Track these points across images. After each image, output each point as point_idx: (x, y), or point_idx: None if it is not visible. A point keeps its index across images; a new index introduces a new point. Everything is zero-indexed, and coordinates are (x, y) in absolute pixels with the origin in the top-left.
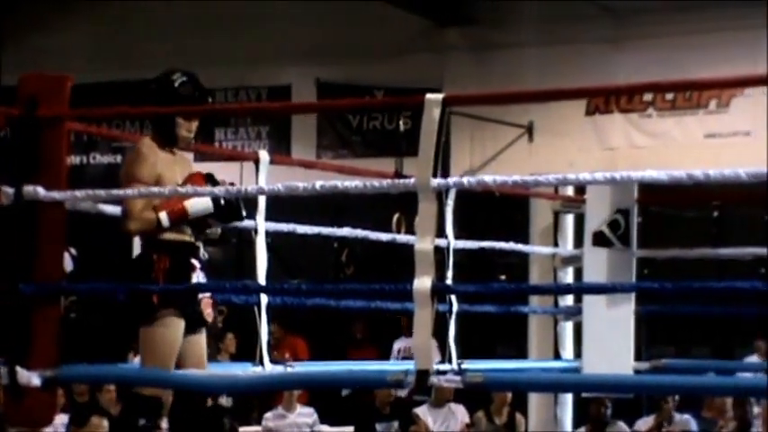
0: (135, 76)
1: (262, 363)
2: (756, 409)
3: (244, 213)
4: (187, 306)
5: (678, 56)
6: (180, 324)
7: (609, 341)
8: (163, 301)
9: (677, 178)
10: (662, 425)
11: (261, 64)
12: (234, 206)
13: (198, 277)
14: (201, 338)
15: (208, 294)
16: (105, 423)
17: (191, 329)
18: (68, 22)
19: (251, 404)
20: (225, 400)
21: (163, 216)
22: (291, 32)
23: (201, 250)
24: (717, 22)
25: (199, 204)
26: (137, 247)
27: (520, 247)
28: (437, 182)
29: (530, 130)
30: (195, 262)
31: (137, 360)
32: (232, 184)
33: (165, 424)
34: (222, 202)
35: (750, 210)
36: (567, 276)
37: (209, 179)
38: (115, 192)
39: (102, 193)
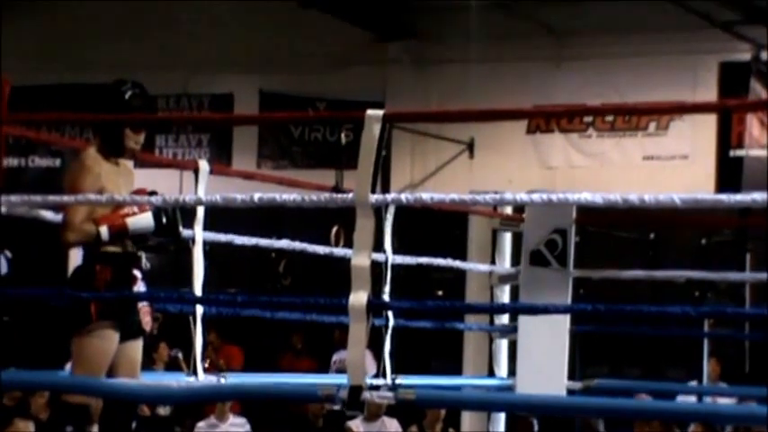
0: (76, 80)
1: (195, 373)
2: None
3: (181, 231)
4: (125, 317)
5: (618, 78)
6: (115, 337)
7: (543, 360)
8: (101, 313)
9: (612, 201)
10: None
11: (204, 72)
12: (173, 223)
13: (138, 288)
14: (137, 346)
15: (146, 303)
16: (31, 427)
17: (127, 337)
18: (8, 24)
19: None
20: (163, 410)
21: (103, 230)
22: (235, 41)
23: (143, 260)
24: (657, 46)
25: (140, 222)
26: (73, 253)
27: (457, 263)
28: (375, 198)
29: (470, 146)
30: (137, 273)
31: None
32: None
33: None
34: (164, 220)
35: (685, 233)
36: (504, 294)
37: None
38: (52, 198)
39: (38, 198)
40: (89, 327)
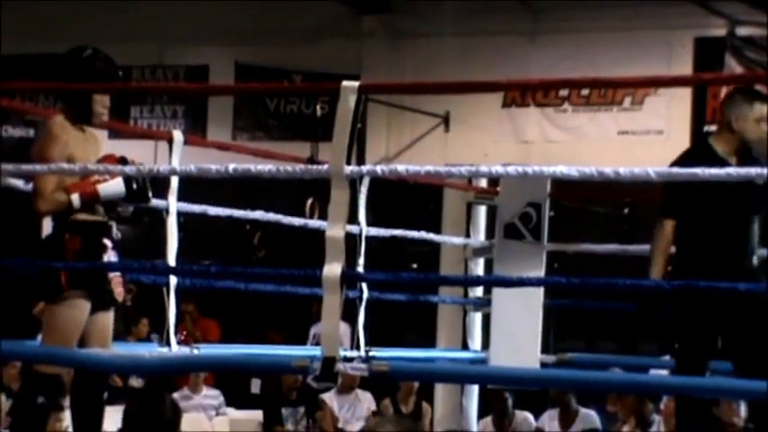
0: (50, 50)
1: (168, 344)
2: (652, 405)
3: (151, 195)
4: (96, 287)
5: (593, 52)
6: (86, 306)
7: (517, 333)
8: (71, 282)
9: (588, 174)
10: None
11: (179, 43)
12: (143, 188)
13: (109, 257)
14: (109, 317)
15: (118, 273)
16: (3, 398)
17: (99, 308)
18: None
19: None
20: (136, 382)
21: (74, 198)
22: (211, 12)
23: (114, 230)
24: (632, 21)
25: (111, 188)
26: (46, 223)
27: (432, 236)
28: (350, 169)
29: (446, 119)
30: (107, 242)
31: None
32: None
33: (66, 402)
34: (135, 186)
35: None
36: (478, 267)
37: (122, 162)
38: (24, 167)
39: (9, 167)
40: (60, 296)
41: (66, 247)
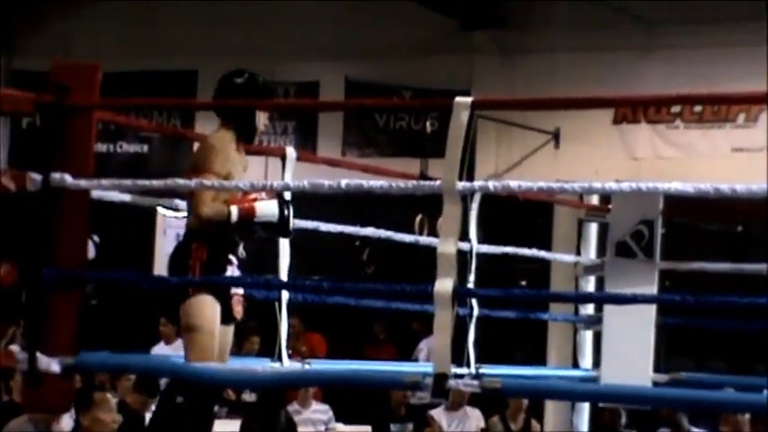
0: (162, 66)
1: (280, 359)
2: None
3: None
4: (220, 299)
5: (707, 68)
6: (216, 303)
7: (628, 352)
8: (198, 288)
9: (703, 191)
10: None
11: (290, 59)
12: (287, 220)
13: (233, 273)
14: (229, 333)
15: (240, 291)
16: (109, 396)
17: (221, 322)
18: (98, 10)
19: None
20: (249, 396)
21: (234, 210)
22: (321, 29)
23: (240, 248)
24: (746, 36)
25: (268, 208)
26: (159, 238)
27: (542, 253)
28: (463, 185)
29: (556, 136)
30: (232, 258)
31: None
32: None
33: None
34: (285, 215)
35: None
36: (589, 285)
37: (279, 195)
38: (141, 182)
39: (127, 182)
40: (187, 296)
41: (193, 256)
